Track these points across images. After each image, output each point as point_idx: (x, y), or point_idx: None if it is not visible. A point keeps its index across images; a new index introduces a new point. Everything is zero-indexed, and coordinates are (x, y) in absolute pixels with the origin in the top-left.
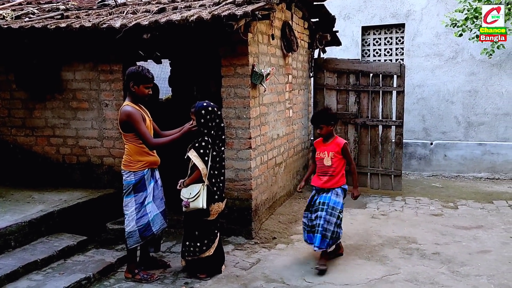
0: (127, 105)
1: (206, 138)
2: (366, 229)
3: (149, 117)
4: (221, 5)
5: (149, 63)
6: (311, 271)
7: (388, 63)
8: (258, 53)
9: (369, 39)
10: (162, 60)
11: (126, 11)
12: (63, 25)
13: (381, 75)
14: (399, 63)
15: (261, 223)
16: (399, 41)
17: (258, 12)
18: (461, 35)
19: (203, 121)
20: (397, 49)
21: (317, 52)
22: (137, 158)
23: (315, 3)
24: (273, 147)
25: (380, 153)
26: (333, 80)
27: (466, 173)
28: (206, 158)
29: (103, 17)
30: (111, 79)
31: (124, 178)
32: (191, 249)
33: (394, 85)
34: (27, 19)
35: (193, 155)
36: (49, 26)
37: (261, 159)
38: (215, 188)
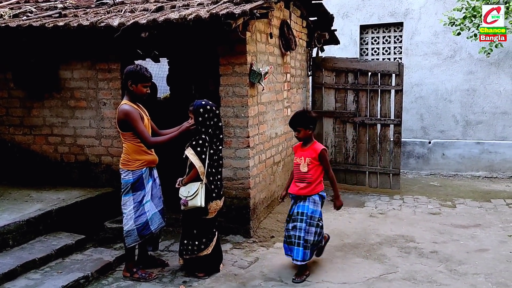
0: (125, 104)
1: (203, 136)
2: (364, 227)
3: (147, 115)
4: (219, 4)
5: (147, 62)
6: (309, 269)
7: (386, 62)
8: (256, 51)
9: (367, 38)
10: (160, 58)
11: (124, 10)
12: (61, 23)
13: (379, 74)
14: (398, 62)
15: (259, 222)
16: (398, 39)
17: (256, 10)
18: (459, 34)
19: (201, 119)
20: (395, 48)
21: (315, 51)
22: (135, 157)
23: (313, 2)
24: (271, 146)
25: (378, 151)
26: (332, 79)
27: (464, 172)
28: (203, 156)
29: (101, 16)
30: (109, 78)
31: (122, 177)
32: (189, 247)
33: (392, 84)
34: (25, 17)
35: (190, 153)
36: (47, 24)
37: (259, 158)
38: (212, 186)
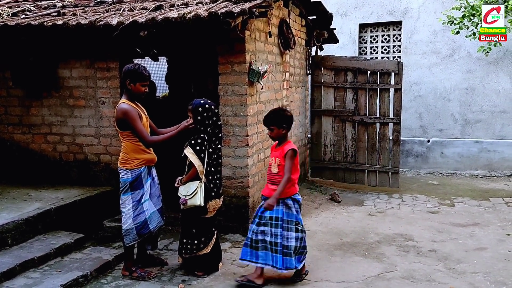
0: (124, 103)
1: (202, 135)
2: (363, 226)
3: (145, 114)
4: (218, 3)
5: (146, 61)
6: (308, 268)
7: (385, 61)
8: (255, 50)
9: (366, 37)
10: (159, 57)
11: (123, 9)
12: (60, 22)
13: (378, 72)
14: (397, 60)
15: None
16: (396, 38)
17: (255, 9)
18: (458, 33)
19: (200, 118)
20: (394, 46)
21: (314, 49)
22: (134, 155)
23: (312, 1)
24: (270, 145)
25: (377, 150)
26: (331, 77)
27: (462, 171)
28: (202, 155)
29: (100, 15)
30: (108, 77)
31: (121, 176)
32: (189, 246)
33: (391, 82)
34: (24, 16)
35: (189, 152)
36: (45, 23)
37: (258, 157)
38: (212, 185)
